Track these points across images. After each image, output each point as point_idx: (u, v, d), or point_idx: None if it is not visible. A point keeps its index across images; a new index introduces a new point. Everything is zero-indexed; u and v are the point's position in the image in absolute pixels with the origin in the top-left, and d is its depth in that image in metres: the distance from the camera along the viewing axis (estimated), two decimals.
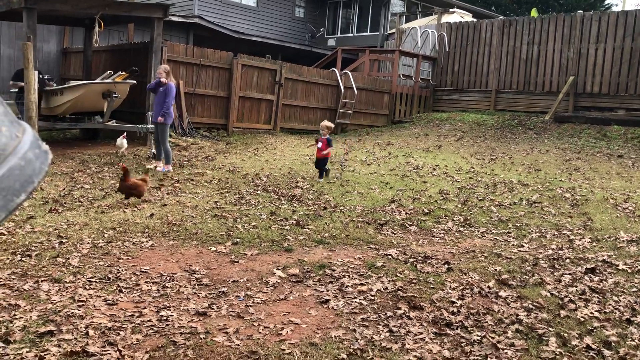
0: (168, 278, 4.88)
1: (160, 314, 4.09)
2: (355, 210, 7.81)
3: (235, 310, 4.26)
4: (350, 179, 10.01)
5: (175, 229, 6.40)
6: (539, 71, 18.68)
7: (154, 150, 11.00)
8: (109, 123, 12.47)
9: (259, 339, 3.78)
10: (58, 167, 9.73)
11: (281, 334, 3.87)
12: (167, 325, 3.91)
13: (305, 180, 9.66)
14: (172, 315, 4.07)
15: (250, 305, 4.37)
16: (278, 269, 5.23)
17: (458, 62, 20.64)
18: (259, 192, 8.67)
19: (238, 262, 5.44)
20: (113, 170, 9.84)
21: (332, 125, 10.32)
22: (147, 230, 6.28)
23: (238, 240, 6.10)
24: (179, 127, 13.83)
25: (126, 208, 7.18)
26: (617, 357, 3.80)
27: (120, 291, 4.51)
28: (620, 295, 5.00)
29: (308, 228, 6.75)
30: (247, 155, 12.12)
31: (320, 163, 9.92)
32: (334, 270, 5.31)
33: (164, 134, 10.32)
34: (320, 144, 9.79)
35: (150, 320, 3.95)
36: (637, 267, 5.83)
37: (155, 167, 10.09)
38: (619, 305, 4.77)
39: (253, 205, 7.76)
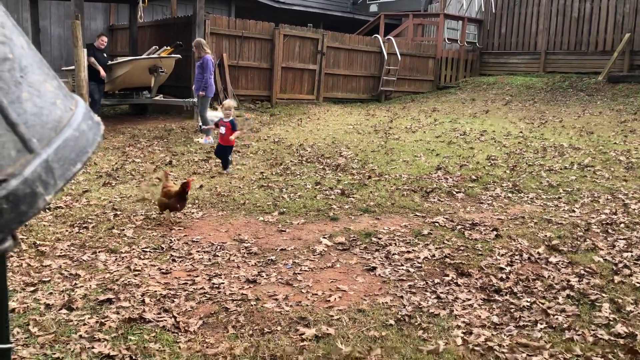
0: (218, 247, 5.01)
1: (212, 281, 4.22)
2: (401, 178, 7.77)
3: (284, 277, 4.35)
4: (395, 147, 9.93)
5: (223, 200, 6.54)
6: (591, 29, 17.86)
7: (200, 124, 11.18)
8: (157, 98, 12.72)
9: (307, 305, 3.85)
10: (110, 142, 10.04)
11: (329, 300, 3.94)
12: (219, 292, 4.03)
13: (349, 150, 9.65)
14: (223, 283, 4.19)
15: (298, 273, 4.45)
16: (324, 238, 5.29)
17: (505, 23, 19.95)
18: (303, 162, 8.72)
19: (285, 231, 5.52)
20: (162, 144, 10.07)
21: (235, 104, 8.57)
22: (196, 201, 6.44)
23: (284, 210, 6.18)
24: (224, 99, 13.98)
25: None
26: None
27: (174, 260, 4.66)
28: None
29: (353, 197, 6.77)
30: (291, 126, 12.17)
31: (223, 151, 8.02)
32: (380, 239, 5.32)
33: (203, 107, 10.52)
34: (223, 129, 7.93)
35: (202, 288, 4.09)
36: None
37: (198, 141, 10.29)
38: None
39: (298, 176, 7.82)
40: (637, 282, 4.35)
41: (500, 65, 20.05)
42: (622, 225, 5.84)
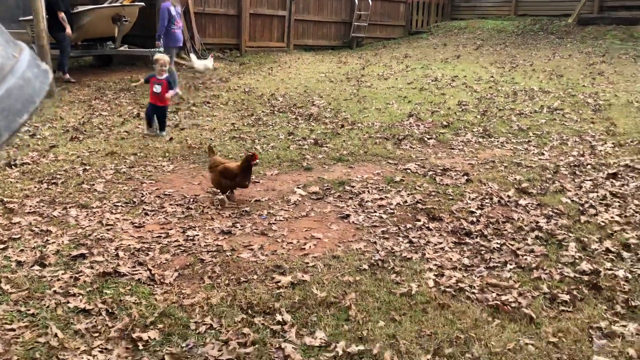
0: (191, 200, 4.98)
1: (186, 234, 4.21)
2: (373, 126, 7.76)
3: (259, 228, 4.37)
4: (368, 94, 9.87)
5: (195, 152, 6.46)
6: None
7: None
8: (121, 48, 12.30)
9: (283, 254, 3.89)
10: (75, 95, 9.74)
11: (304, 248, 3.98)
12: (194, 244, 4.03)
13: (322, 99, 9.56)
14: (197, 235, 4.19)
15: (273, 223, 4.47)
16: (298, 188, 5.30)
17: None
18: (275, 112, 8.62)
19: (259, 182, 5.51)
20: (129, 96, 9.82)
21: (168, 59, 7.39)
22: (167, 154, 6.35)
23: (257, 161, 6.14)
24: (190, 49, 13.61)
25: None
26: (635, 259, 3.84)
27: (146, 214, 4.63)
28: None
29: (326, 146, 6.76)
30: (261, 76, 11.97)
31: (157, 111, 7.10)
32: (353, 187, 5.36)
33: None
34: (158, 87, 6.92)
35: (177, 241, 4.08)
36: None
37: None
38: None
39: (270, 126, 7.75)
40: (602, 222, 4.49)
41: (471, 9, 19.85)
42: (589, 166, 5.98)
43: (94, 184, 5.30)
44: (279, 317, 3.05)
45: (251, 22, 15.01)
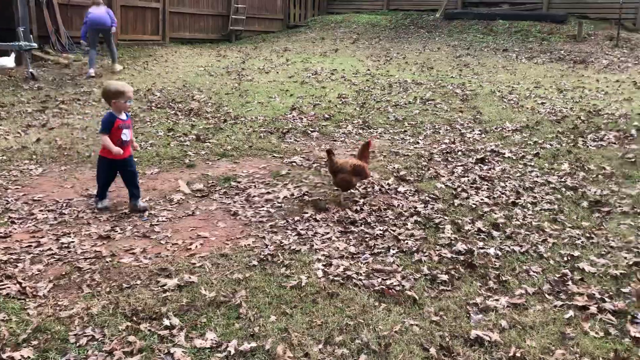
0: (65, 204, 4.65)
1: (61, 241, 3.92)
2: (257, 120, 7.72)
3: (140, 230, 4.18)
4: (249, 88, 9.80)
5: (66, 153, 6.04)
6: None
7: (31, 70, 10.08)
8: None
9: (167, 256, 3.75)
10: None
11: (190, 248, 3.87)
12: (70, 252, 3.77)
13: (202, 93, 9.34)
14: (73, 242, 3.92)
15: (156, 224, 4.30)
16: (182, 184, 5.13)
17: None
18: (153, 108, 8.29)
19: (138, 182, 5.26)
20: None
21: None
22: (34, 156, 5.87)
23: (135, 159, 5.87)
24: (56, 42, 12.67)
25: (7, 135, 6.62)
26: (504, 237, 4.17)
27: (13, 222, 4.25)
28: (507, 181, 5.43)
29: (209, 142, 6.62)
30: (136, 70, 11.44)
31: (128, 169, 4.62)
32: (239, 182, 5.30)
33: None
34: (127, 133, 4.51)
35: (50, 249, 3.79)
36: (521, 154, 6.31)
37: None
38: (506, 190, 5.19)
39: (148, 123, 7.44)
40: (473, 204, 4.82)
41: (346, 3, 20.39)
42: (459, 153, 6.39)
43: None
44: (166, 322, 2.94)
45: (122, 13, 14.27)
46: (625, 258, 3.79)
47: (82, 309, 3.05)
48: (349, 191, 4.92)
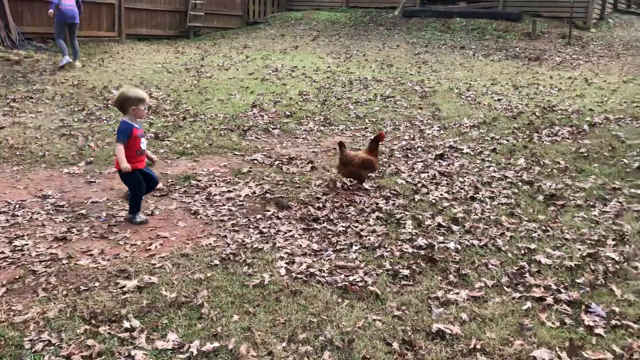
0: (17, 206, 4.50)
1: (14, 244, 3.80)
2: (217, 117, 7.64)
3: (98, 231, 4.08)
4: (209, 85, 9.68)
5: (18, 153, 5.84)
6: None
7: None
8: None
9: (126, 257, 3.67)
10: None
11: (150, 249, 3.80)
12: (23, 255, 3.65)
13: (160, 90, 9.17)
14: (27, 244, 3.79)
15: (114, 225, 4.20)
16: None
17: None
18: (109, 106, 8.09)
19: (95, 182, 5.14)
20: None
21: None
22: None
23: (92, 159, 5.73)
24: (5, 38, 12.22)
25: None
26: (463, 231, 4.25)
27: None
28: (465, 176, 5.53)
29: (168, 140, 6.51)
30: (91, 67, 11.14)
31: (150, 176, 4.41)
32: (199, 181, 5.23)
33: None
34: (145, 142, 4.31)
35: (2, 253, 3.66)
36: (478, 149, 6.44)
37: None
38: (465, 185, 5.28)
39: (105, 121, 7.26)
40: (433, 199, 4.89)
41: (306, 0, 20.37)
42: (419, 149, 6.47)
43: None
44: (126, 324, 2.88)
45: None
46: (579, 250, 3.91)
47: (37, 313, 2.95)
48: (362, 182, 5.18)
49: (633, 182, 5.32)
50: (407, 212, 4.60)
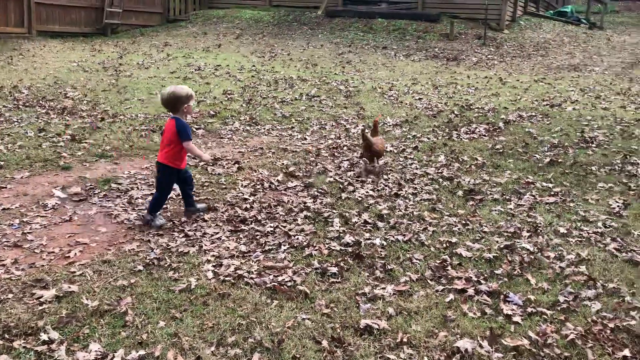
0: None
1: None
2: (138, 118, 7.40)
3: (11, 239, 3.84)
4: (128, 85, 9.36)
5: None
6: None
7: None
8: None
9: (43, 265, 3.49)
10: None
11: (69, 256, 3.63)
12: None
13: (76, 90, 8.77)
14: None
15: (28, 232, 3.98)
16: (57, 190, 4.80)
17: None
18: (20, 107, 7.65)
19: (6, 187, 4.84)
20: None
21: None
22: None
23: (2, 163, 5.40)
24: None
25: None
26: (389, 227, 4.35)
27: None
28: (389, 174, 5.66)
29: (86, 142, 6.24)
30: None
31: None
32: (120, 184, 5.05)
33: None
34: None
35: None
36: (401, 147, 6.61)
37: None
38: (389, 183, 5.41)
39: (15, 123, 6.85)
40: (359, 197, 4.97)
41: None
42: (345, 148, 6.56)
43: None
44: (44, 337, 2.73)
45: None
46: (497, 242, 4.10)
47: None
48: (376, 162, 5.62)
49: (544, 176, 5.65)
50: (334, 211, 4.65)
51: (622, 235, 4.25)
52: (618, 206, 4.85)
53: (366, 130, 5.73)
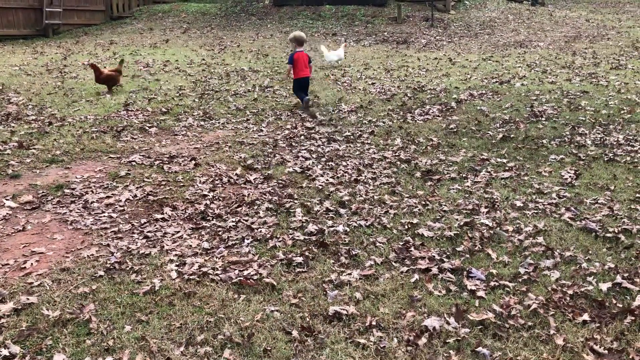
0: None
1: None
2: (87, 120, 7.19)
3: None
4: (75, 86, 9.07)
5: None
6: None
7: None
8: None
9: None
10: None
11: (25, 267, 3.51)
12: None
13: (20, 95, 8.45)
14: None
15: None
16: (7, 199, 4.62)
17: None
18: None
19: None
20: None
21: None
22: None
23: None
24: None
25: None
26: (351, 213, 4.37)
27: None
28: (348, 160, 5.69)
29: (34, 148, 6.03)
30: None
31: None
32: (74, 189, 4.90)
33: None
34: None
35: None
36: (357, 134, 6.64)
37: None
38: (348, 169, 5.43)
39: None
40: (320, 185, 4.98)
41: None
42: (302, 137, 6.54)
43: None
44: (4, 352, 2.64)
45: None
46: (457, 220, 4.18)
47: None
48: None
49: (498, 152, 5.78)
50: (296, 201, 4.64)
51: (575, 205, 4.40)
52: (570, 176, 5.01)
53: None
